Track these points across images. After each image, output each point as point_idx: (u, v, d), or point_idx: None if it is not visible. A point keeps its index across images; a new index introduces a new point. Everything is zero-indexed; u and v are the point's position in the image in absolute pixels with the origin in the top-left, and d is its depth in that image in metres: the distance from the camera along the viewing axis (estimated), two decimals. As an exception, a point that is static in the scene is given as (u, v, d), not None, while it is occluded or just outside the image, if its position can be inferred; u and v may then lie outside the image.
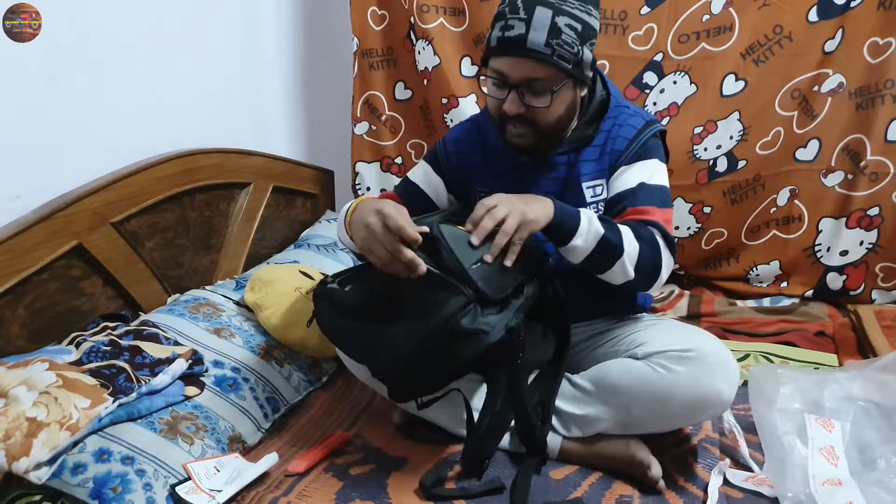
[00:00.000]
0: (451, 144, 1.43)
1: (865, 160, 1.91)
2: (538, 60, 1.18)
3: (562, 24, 1.16)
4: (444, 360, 1.12)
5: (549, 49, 1.17)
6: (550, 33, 1.16)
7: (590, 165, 1.31)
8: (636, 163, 1.28)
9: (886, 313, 1.84)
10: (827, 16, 1.83)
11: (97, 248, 1.44)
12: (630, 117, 1.31)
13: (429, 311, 1.09)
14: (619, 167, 1.29)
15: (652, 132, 1.30)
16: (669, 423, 1.25)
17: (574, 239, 1.16)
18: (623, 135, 1.29)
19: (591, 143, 1.31)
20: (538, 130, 1.25)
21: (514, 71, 1.20)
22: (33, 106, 1.36)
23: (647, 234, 1.20)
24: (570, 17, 1.17)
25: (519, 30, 1.17)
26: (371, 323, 1.16)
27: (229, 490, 1.16)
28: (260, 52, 2.05)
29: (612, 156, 1.30)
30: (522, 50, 1.17)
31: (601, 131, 1.31)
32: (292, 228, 2.08)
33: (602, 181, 1.31)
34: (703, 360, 1.18)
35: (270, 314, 1.53)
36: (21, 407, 1.09)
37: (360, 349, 1.23)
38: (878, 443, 1.21)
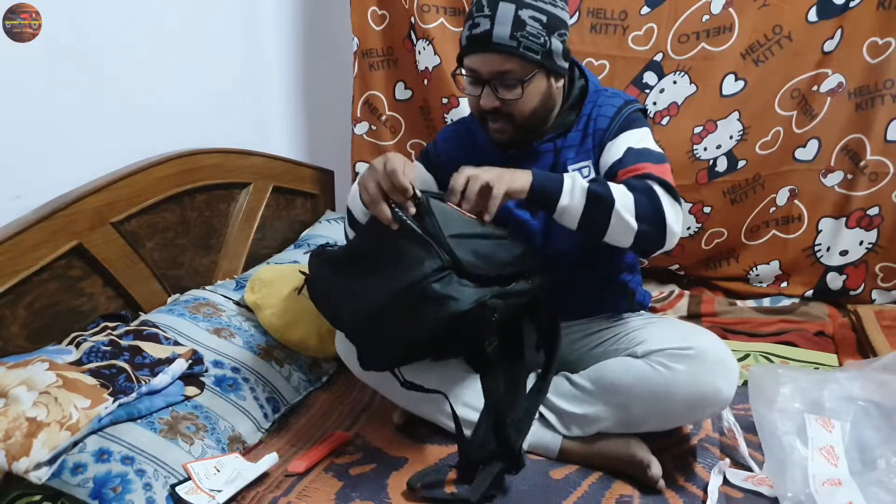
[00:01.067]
0: (441, 145, 1.46)
1: (865, 160, 1.91)
2: (505, 54, 1.21)
3: (525, 16, 1.19)
4: (408, 319, 1.12)
5: (515, 41, 1.20)
6: (514, 26, 1.19)
7: (574, 150, 1.33)
8: (621, 134, 1.29)
9: (886, 313, 1.84)
10: (826, 16, 1.83)
11: (97, 248, 1.44)
12: (609, 98, 1.33)
13: (404, 268, 1.11)
14: (605, 144, 1.30)
15: (631, 108, 1.31)
16: (669, 421, 1.25)
17: (561, 200, 1.15)
18: (604, 114, 1.31)
19: (573, 130, 1.33)
20: (515, 123, 1.28)
21: (483, 66, 1.23)
22: (33, 106, 1.36)
23: (640, 184, 1.17)
24: (533, 9, 1.20)
25: (484, 26, 1.20)
26: (349, 276, 1.19)
27: (229, 490, 1.16)
28: (260, 52, 2.05)
29: (595, 136, 1.31)
30: (489, 45, 1.21)
31: (582, 115, 1.33)
32: (292, 228, 2.08)
33: (588, 162, 1.32)
34: (703, 359, 1.18)
35: (270, 314, 1.53)
36: (21, 407, 1.09)
37: (335, 304, 1.24)
38: (878, 443, 1.21)
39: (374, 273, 1.15)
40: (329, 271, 1.24)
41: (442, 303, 1.09)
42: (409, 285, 1.10)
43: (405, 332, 1.15)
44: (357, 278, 1.17)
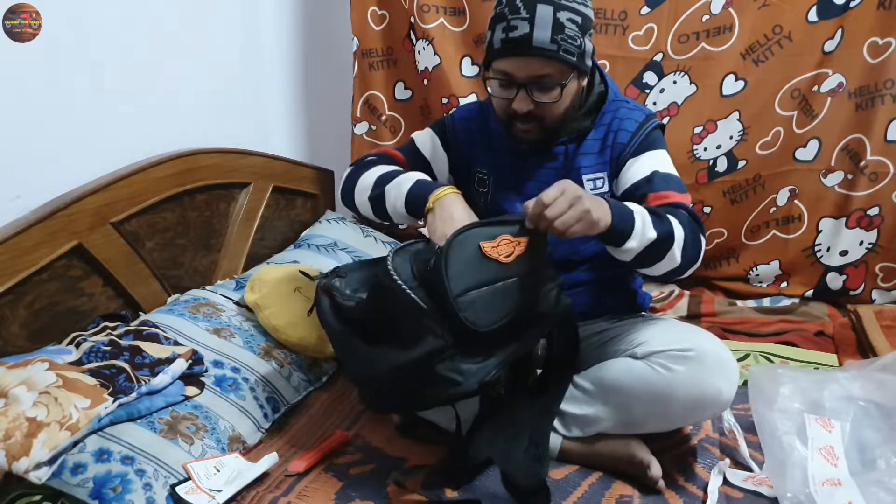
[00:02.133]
0: (460, 122, 1.43)
1: (865, 160, 1.91)
2: (545, 58, 1.18)
3: (563, 18, 1.17)
4: (413, 393, 1.13)
5: (555, 45, 1.17)
6: (554, 29, 1.17)
7: (590, 158, 1.32)
8: (643, 153, 1.28)
9: (886, 313, 1.84)
10: (826, 16, 1.83)
11: (97, 248, 1.44)
12: (630, 111, 1.32)
13: (408, 344, 1.09)
14: (625, 160, 1.29)
15: (653, 125, 1.31)
16: (669, 422, 1.25)
17: (628, 242, 1.12)
18: (626, 128, 1.30)
19: (590, 136, 1.32)
20: (545, 124, 1.27)
21: (520, 70, 1.21)
22: (33, 106, 1.36)
23: (685, 219, 1.18)
24: (570, 10, 1.18)
25: (523, 29, 1.17)
26: (358, 336, 1.18)
27: (229, 490, 1.16)
28: (260, 52, 2.05)
29: (614, 149, 1.30)
30: (529, 49, 1.18)
31: (600, 125, 1.32)
32: (292, 228, 2.08)
33: (603, 174, 1.32)
34: (703, 360, 1.18)
35: (270, 314, 1.53)
36: (21, 407, 1.09)
37: (343, 354, 1.24)
38: (877, 443, 1.21)
39: (382, 341, 1.14)
40: (340, 322, 1.21)
41: (443, 385, 1.08)
42: (410, 364, 1.08)
43: (411, 401, 1.18)
44: (368, 342, 1.16)
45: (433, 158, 1.43)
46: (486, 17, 1.93)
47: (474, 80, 2.05)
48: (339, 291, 1.22)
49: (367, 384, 1.20)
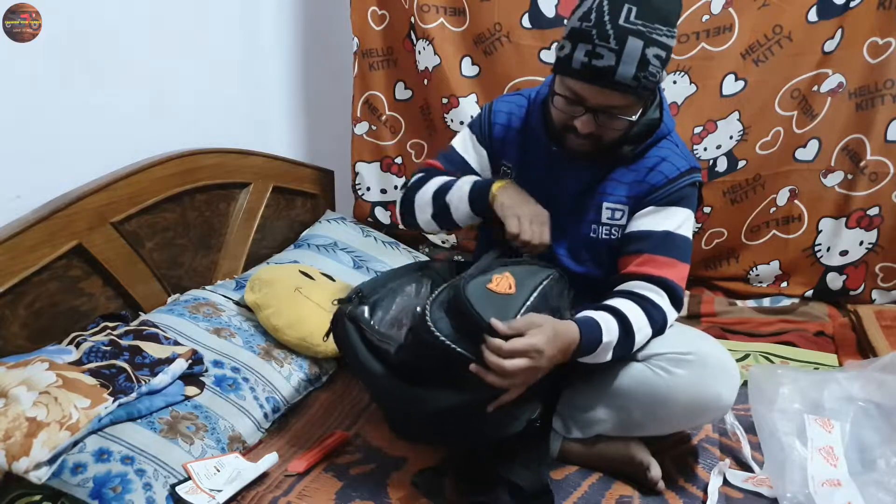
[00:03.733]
0: (498, 115, 1.39)
1: (865, 160, 1.91)
2: (623, 93, 1.14)
3: (651, 55, 1.11)
4: (456, 433, 1.19)
5: (636, 82, 1.12)
6: (640, 66, 1.11)
7: (619, 188, 1.28)
8: (668, 207, 1.25)
9: (886, 313, 1.84)
10: (826, 16, 1.83)
11: (97, 248, 1.44)
12: (676, 157, 1.27)
13: (461, 387, 1.11)
14: (648, 204, 1.26)
15: (691, 180, 1.27)
16: (669, 425, 1.25)
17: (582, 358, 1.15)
18: (663, 170, 1.26)
19: (627, 166, 1.28)
20: (601, 144, 1.23)
21: (594, 97, 1.16)
22: (33, 106, 1.36)
23: (658, 315, 1.20)
24: (658, 46, 1.11)
25: (608, 61, 1.10)
26: (398, 377, 1.18)
27: (229, 490, 1.16)
28: (260, 51, 2.05)
29: (643, 186, 1.27)
30: (609, 82, 1.12)
31: (647, 157, 1.27)
32: (292, 228, 2.08)
33: (624, 208, 1.28)
34: (704, 364, 1.18)
35: (270, 314, 1.53)
36: (21, 407, 1.10)
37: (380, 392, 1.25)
38: (877, 443, 1.21)
39: (427, 383, 1.15)
40: (381, 367, 1.20)
41: (497, 425, 1.16)
42: (463, 406, 1.12)
43: (454, 438, 1.22)
44: (411, 383, 1.17)
45: (472, 158, 1.42)
46: (486, 17, 1.97)
47: (474, 79, 2.04)
48: (367, 326, 1.22)
49: (405, 420, 1.24)
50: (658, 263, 1.22)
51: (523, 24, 1.96)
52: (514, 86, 1.99)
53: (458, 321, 1.09)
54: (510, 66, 1.98)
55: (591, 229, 1.30)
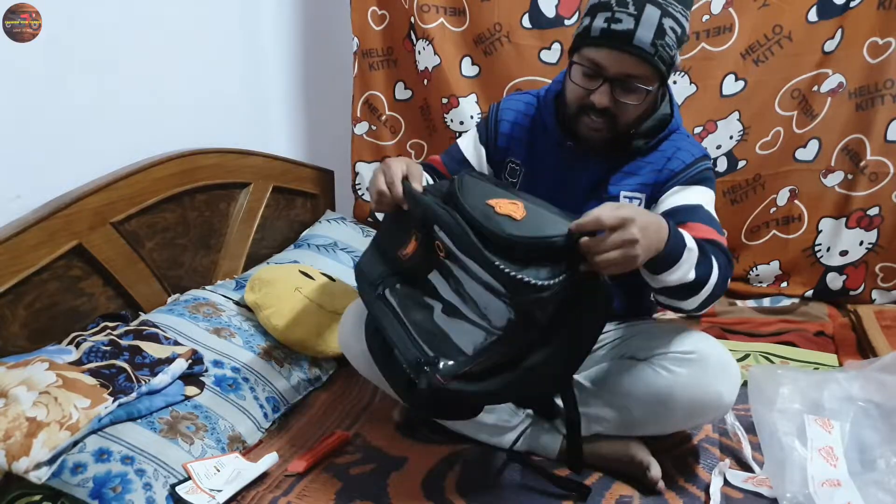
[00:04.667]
0: (506, 112, 1.41)
1: (865, 160, 1.91)
2: (640, 58, 1.16)
3: (667, 25, 1.15)
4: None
5: (654, 48, 1.15)
6: (657, 33, 1.14)
7: (633, 178, 1.29)
8: (693, 186, 1.26)
9: (886, 313, 1.84)
10: (826, 16, 1.83)
11: (97, 248, 1.44)
12: (690, 145, 1.30)
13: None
14: (671, 186, 1.26)
15: (707, 165, 1.29)
16: (670, 425, 1.25)
17: (672, 272, 1.08)
18: (680, 157, 1.28)
19: (640, 159, 1.29)
20: (616, 126, 1.23)
21: (613, 64, 1.17)
22: (33, 106, 1.36)
23: (723, 265, 1.14)
24: (674, 19, 1.15)
25: (627, 24, 1.14)
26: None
27: (229, 490, 1.16)
28: (260, 52, 2.05)
29: (661, 174, 1.28)
30: (628, 45, 1.15)
31: (661, 149, 1.29)
32: (292, 228, 2.09)
33: (642, 196, 1.29)
34: (705, 363, 1.18)
35: (270, 314, 1.53)
36: (21, 407, 1.10)
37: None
38: (877, 443, 1.21)
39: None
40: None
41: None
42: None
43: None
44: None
45: (472, 156, 1.43)
46: (486, 17, 1.97)
47: (474, 79, 2.05)
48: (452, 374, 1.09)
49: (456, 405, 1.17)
50: (706, 230, 1.18)
51: (523, 24, 1.96)
52: (514, 86, 1.99)
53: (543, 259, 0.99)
54: (510, 66, 1.98)
55: None
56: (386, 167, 1.18)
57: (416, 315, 1.12)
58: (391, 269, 1.20)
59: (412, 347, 1.08)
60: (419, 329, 1.10)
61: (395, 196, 1.16)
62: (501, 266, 0.98)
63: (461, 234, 1.04)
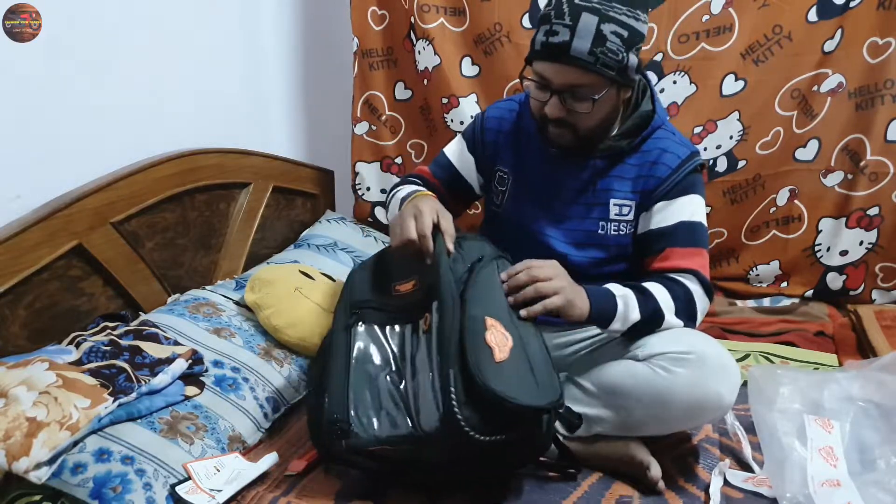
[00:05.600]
0: (490, 121, 1.43)
1: (865, 160, 1.91)
2: (581, 68, 1.16)
3: (607, 31, 1.14)
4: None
5: (593, 57, 1.15)
6: (595, 41, 1.14)
7: (623, 184, 1.30)
8: (677, 199, 1.27)
9: (886, 313, 1.84)
10: (826, 16, 1.83)
11: (97, 248, 1.44)
12: (676, 145, 1.29)
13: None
14: (658, 199, 1.27)
15: (694, 165, 1.28)
16: (669, 425, 1.25)
17: (612, 325, 1.21)
18: (665, 161, 1.27)
19: (628, 160, 1.29)
20: (578, 133, 1.25)
21: (556, 77, 1.19)
22: (33, 106, 1.36)
23: (682, 293, 1.22)
24: (616, 23, 1.15)
25: (563, 36, 1.15)
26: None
27: (229, 490, 1.16)
28: (260, 52, 2.05)
29: (648, 181, 1.28)
30: (566, 57, 1.16)
31: (642, 151, 1.29)
32: (292, 228, 2.09)
33: (632, 203, 1.30)
34: (704, 363, 1.18)
35: (270, 314, 1.53)
36: (21, 407, 1.09)
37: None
38: (877, 443, 1.21)
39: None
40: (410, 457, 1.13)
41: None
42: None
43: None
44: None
45: (461, 165, 1.46)
46: (486, 17, 1.97)
47: (474, 79, 2.05)
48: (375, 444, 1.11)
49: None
50: (681, 255, 1.25)
51: (523, 24, 1.96)
52: (514, 86, 2.00)
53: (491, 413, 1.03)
54: (510, 66, 1.98)
55: (599, 226, 1.32)
56: (419, 214, 1.20)
57: (365, 366, 1.16)
58: (377, 299, 1.23)
59: (340, 401, 1.12)
60: (357, 382, 1.13)
61: (424, 249, 1.18)
62: (452, 394, 1.02)
63: (449, 335, 1.07)
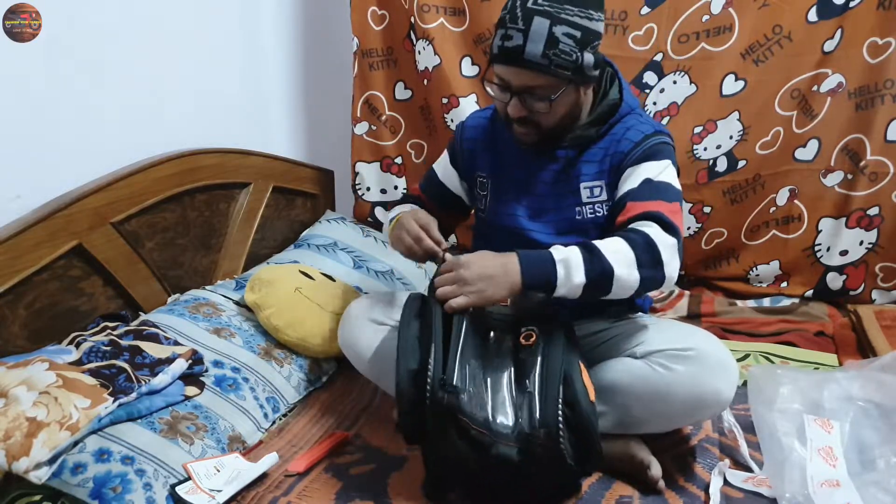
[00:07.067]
0: (468, 130, 1.46)
1: (865, 160, 1.91)
2: (536, 71, 1.19)
3: (559, 33, 1.16)
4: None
5: (546, 60, 1.17)
6: (548, 44, 1.16)
7: (591, 166, 1.31)
8: (644, 163, 1.26)
9: (886, 313, 1.84)
10: (826, 16, 1.83)
11: (97, 248, 1.44)
12: (640, 123, 1.30)
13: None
14: (625, 168, 1.27)
15: (660, 140, 1.28)
16: (669, 422, 1.25)
17: (557, 290, 1.16)
18: (629, 137, 1.28)
19: (596, 145, 1.31)
20: (542, 129, 1.27)
21: (514, 79, 1.22)
22: (33, 106, 1.36)
23: (641, 240, 1.16)
24: (568, 24, 1.17)
25: (517, 41, 1.17)
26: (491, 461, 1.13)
27: (229, 490, 1.16)
28: (260, 52, 2.05)
29: (614, 157, 1.29)
30: (520, 61, 1.18)
31: (609, 135, 1.31)
32: (292, 228, 2.09)
33: (601, 182, 1.31)
34: (703, 359, 1.18)
35: (270, 314, 1.53)
36: (21, 407, 1.10)
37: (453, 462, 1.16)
38: (877, 443, 1.21)
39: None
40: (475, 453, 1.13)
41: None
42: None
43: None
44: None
45: (446, 179, 1.50)
46: (486, 17, 1.97)
47: (474, 79, 2.04)
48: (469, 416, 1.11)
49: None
50: (641, 206, 1.21)
51: (523, 24, 1.96)
52: (514, 86, 1.99)
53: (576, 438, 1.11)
54: (510, 66, 1.98)
55: (577, 212, 1.33)
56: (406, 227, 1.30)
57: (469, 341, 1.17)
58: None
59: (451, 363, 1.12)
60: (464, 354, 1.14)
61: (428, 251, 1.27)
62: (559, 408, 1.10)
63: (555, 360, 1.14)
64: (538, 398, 1.11)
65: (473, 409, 1.10)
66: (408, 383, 1.13)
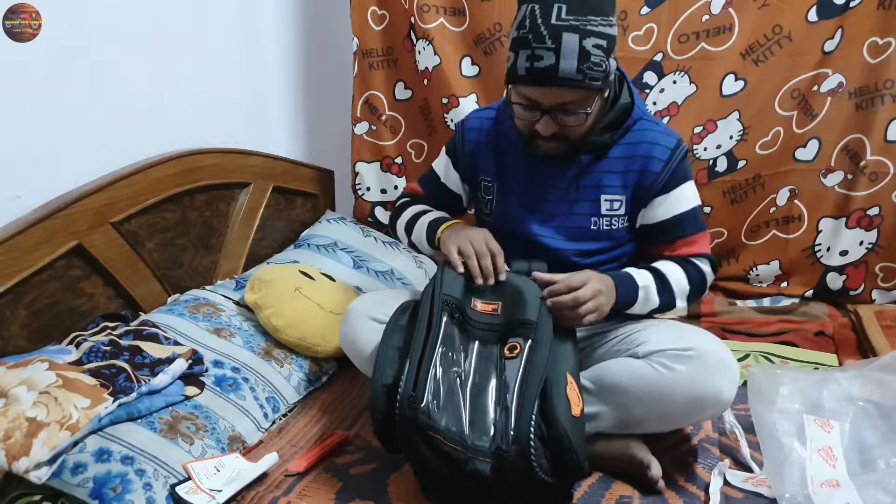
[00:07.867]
0: (470, 132, 1.45)
1: (865, 160, 1.91)
2: (570, 87, 1.17)
3: (589, 46, 1.14)
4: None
5: (581, 75, 1.15)
6: (580, 59, 1.14)
7: (613, 178, 1.31)
8: (673, 190, 1.30)
9: (886, 313, 1.84)
10: (826, 16, 1.83)
11: (97, 248, 1.44)
12: (661, 135, 1.30)
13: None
14: (655, 193, 1.30)
15: (682, 153, 1.31)
16: (669, 422, 1.25)
17: (631, 310, 1.29)
18: (657, 155, 1.28)
19: (612, 154, 1.30)
20: (570, 142, 1.27)
21: (545, 98, 1.19)
22: (33, 106, 1.36)
23: (697, 275, 1.31)
24: (595, 36, 1.15)
25: (548, 60, 1.14)
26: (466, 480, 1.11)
27: (229, 490, 1.17)
28: (260, 52, 2.05)
29: (644, 176, 1.29)
30: (553, 80, 1.16)
31: (625, 143, 1.30)
32: (292, 228, 2.09)
33: (622, 197, 1.31)
34: (703, 359, 1.18)
35: (270, 314, 1.53)
36: (21, 407, 1.10)
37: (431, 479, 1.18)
38: (877, 443, 1.21)
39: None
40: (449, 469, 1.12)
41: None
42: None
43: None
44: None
45: (448, 181, 1.50)
46: (485, 17, 1.97)
47: (474, 79, 2.05)
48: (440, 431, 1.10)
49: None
50: (690, 242, 1.33)
51: (523, 24, 1.96)
52: (514, 86, 1.99)
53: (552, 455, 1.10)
54: (510, 66, 1.98)
55: (591, 222, 1.33)
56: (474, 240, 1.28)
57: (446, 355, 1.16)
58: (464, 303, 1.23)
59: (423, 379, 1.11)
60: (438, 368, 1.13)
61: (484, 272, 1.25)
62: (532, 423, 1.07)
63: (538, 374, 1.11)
64: (514, 414, 1.08)
65: (448, 424, 1.08)
66: (381, 397, 1.13)
